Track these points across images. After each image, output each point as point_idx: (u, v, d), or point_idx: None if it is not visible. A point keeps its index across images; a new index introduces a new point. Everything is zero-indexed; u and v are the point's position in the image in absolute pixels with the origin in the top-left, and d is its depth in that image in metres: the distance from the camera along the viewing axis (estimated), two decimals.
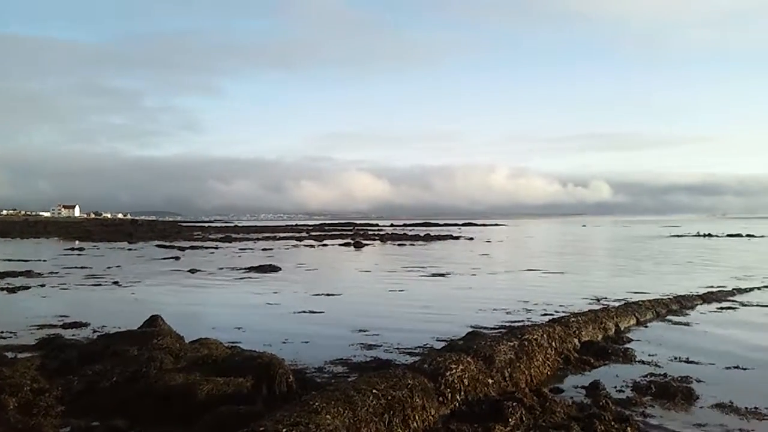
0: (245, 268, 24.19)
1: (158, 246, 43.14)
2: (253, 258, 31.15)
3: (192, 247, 41.05)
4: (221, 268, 24.93)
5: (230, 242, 50.09)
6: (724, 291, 16.57)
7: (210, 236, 61.08)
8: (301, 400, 5.40)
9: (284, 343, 10.23)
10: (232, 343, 9.48)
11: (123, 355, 7.78)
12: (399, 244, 46.56)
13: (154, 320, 9.86)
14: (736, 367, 8.48)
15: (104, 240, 53.95)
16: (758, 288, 17.40)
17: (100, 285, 19.06)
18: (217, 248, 41.32)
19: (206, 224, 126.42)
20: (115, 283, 19.54)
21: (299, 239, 54.82)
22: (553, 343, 8.71)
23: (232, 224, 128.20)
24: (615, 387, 7.47)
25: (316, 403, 5.13)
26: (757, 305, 14.26)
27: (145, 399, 6.49)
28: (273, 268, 23.86)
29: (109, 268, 25.28)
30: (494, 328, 11.14)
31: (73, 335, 10.78)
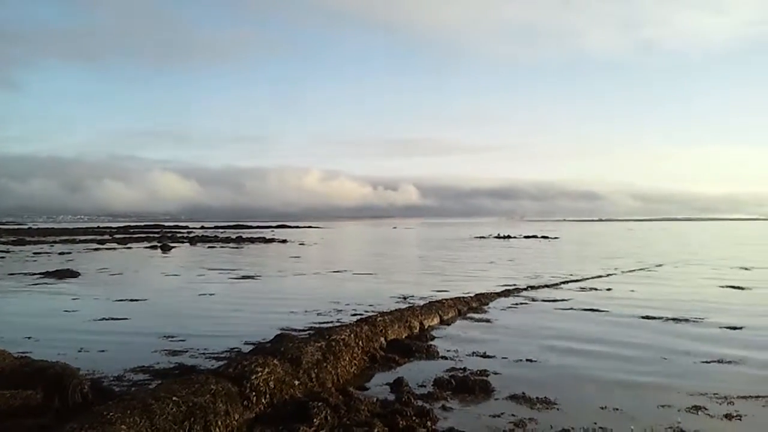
0: (40, 274, 22.49)
1: None
2: (49, 262, 29.01)
3: None
4: (12, 274, 23.03)
5: (23, 245, 46.34)
6: (519, 288, 17.78)
7: (0, 239, 56.04)
8: (94, 411, 5.06)
9: (80, 351, 9.64)
10: (22, 353, 8.73)
11: None
12: (209, 247, 45.48)
13: None
14: (529, 360, 9.06)
15: None
16: (547, 285, 18.81)
17: None
18: (8, 252, 38.09)
19: None
20: None
21: (101, 242, 51.85)
22: (360, 343, 8.85)
23: (26, 226, 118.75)
24: (418, 383, 7.71)
25: (111, 413, 4.83)
26: (551, 300, 15.42)
27: None
28: (71, 273, 22.36)
29: None
30: (304, 330, 11.17)
31: None
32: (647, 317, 12.77)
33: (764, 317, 12.87)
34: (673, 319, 12.46)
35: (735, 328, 11.47)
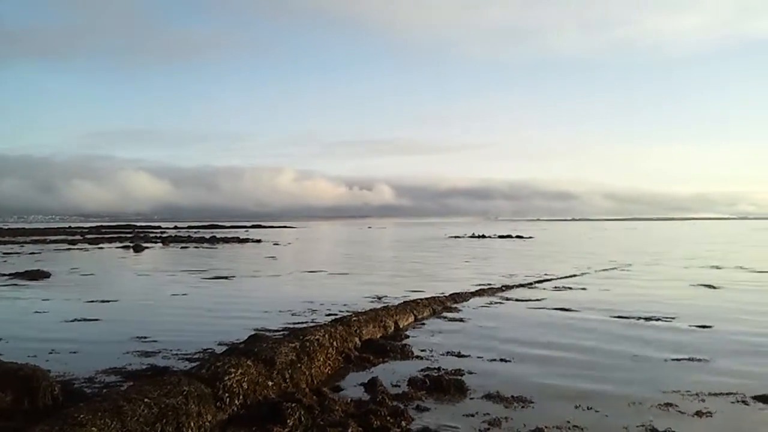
0: (9, 274, 22.11)
1: None
2: (19, 263, 28.53)
3: None
4: None
5: None
6: (493, 288, 17.84)
7: None
8: (64, 413, 4.99)
9: (51, 353, 9.49)
10: None
11: None
12: (182, 247, 45.08)
13: None
14: (503, 359, 9.09)
15: None
16: (522, 285, 18.90)
17: None
18: None
19: None
20: None
21: (72, 242, 51.18)
22: (335, 343, 8.82)
23: None
24: (392, 383, 7.69)
25: (81, 416, 4.77)
26: (525, 300, 15.50)
27: None
28: (42, 274, 21.98)
29: None
30: (278, 330, 11.10)
31: None
32: (619, 316, 12.87)
33: (734, 315, 13.04)
34: (645, 318, 12.58)
35: (705, 327, 11.61)
